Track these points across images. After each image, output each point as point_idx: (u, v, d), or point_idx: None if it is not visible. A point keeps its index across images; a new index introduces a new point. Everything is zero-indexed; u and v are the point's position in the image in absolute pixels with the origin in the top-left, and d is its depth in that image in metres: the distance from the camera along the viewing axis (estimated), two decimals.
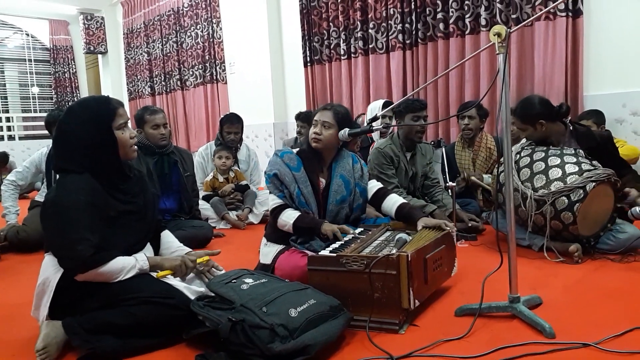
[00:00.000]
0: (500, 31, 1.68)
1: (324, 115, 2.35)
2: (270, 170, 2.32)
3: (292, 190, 2.28)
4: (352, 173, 2.42)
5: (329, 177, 2.39)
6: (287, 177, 2.29)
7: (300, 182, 2.30)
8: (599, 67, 3.87)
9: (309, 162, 2.36)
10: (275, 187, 2.31)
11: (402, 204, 2.35)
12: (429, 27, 4.73)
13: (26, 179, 3.54)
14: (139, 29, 8.66)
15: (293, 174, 2.30)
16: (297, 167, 2.32)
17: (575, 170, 2.46)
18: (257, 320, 1.55)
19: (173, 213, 3.44)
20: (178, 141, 7.84)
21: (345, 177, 2.38)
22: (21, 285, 2.59)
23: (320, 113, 2.38)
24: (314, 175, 2.35)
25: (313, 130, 2.35)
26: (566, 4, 3.83)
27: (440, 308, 1.99)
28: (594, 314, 1.86)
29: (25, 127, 10.40)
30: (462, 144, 3.78)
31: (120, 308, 1.70)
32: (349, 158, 2.47)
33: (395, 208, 2.35)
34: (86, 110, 1.82)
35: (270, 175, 2.31)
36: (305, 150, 2.40)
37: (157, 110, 3.34)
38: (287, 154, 2.37)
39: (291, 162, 2.33)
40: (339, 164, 2.41)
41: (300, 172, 2.32)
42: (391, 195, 2.44)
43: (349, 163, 2.44)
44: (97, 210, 1.74)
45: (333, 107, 2.40)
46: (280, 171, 2.30)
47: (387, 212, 2.40)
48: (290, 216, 2.25)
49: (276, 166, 2.32)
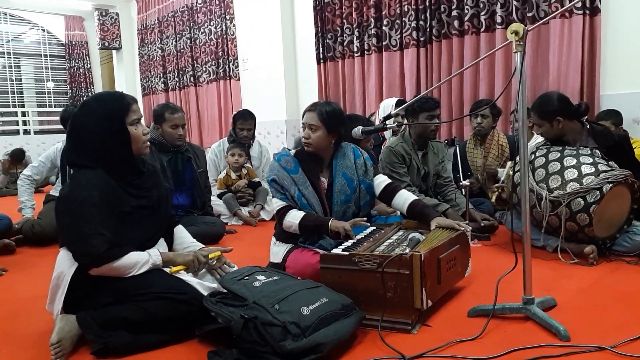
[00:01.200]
0: (518, 29, 1.66)
1: (309, 118, 2.30)
2: (269, 175, 2.32)
3: (293, 193, 2.26)
4: (354, 170, 2.38)
5: (331, 177, 2.35)
6: (286, 180, 2.27)
7: (300, 184, 2.28)
8: (616, 66, 3.80)
9: (307, 163, 2.33)
10: (277, 191, 2.30)
11: (414, 201, 2.31)
12: (444, 24, 4.68)
13: (42, 174, 3.59)
14: (153, 25, 8.70)
15: (291, 176, 2.28)
16: (295, 169, 2.30)
17: (591, 171, 2.42)
18: (269, 317, 1.55)
19: (186, 209, 3.46)
20: (191, 137, 7.88)
21: (347, 175, 2.35)
22: (36, 278, 2.62)
23: (306, 115, 2.32)
24: (314, 176, 2.33)
25: (302, 135, 2.32)
26: (583, 2, 3.77)
27: (453, 308, 1.98)
28: (609, 316, 1.83)
29: (40, 122, 10.53)
30: (474, 142, 3.76)
31: (133, 303, 1.71)
32: (350, 153, 2.42)
33: (407, 205, 2.31)
34: (100, 105, 1.83)
35: (269, 181, 2.31)
36: (303, 151, 2.37)
37: (177, 109, 3.33)
38: (283, 157, 2.34)
39: (288, 165, 2.31)
40: (340, 162, 2.37)
41: (299, 173, 2.29)
42: (402, 191, 2.39)
43: (350, 159, 2.39)
44: (110, 205, 1.76)
45: (317, 107, 2.32)
46: (279, 175, 2.28)
47: (399, 209, 2.37)
48: (295, 217, 2.24)
49: (274, 171, 2.31)
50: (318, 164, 2.36)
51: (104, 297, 1.74)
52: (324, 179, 2.36)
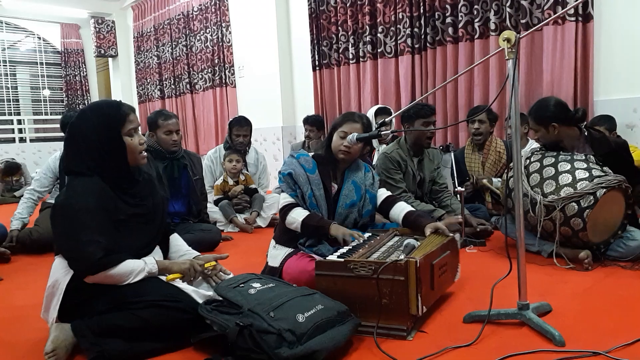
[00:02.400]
0: (510, 37, 1.68)
1: (357, 129, 2.32)
2: (286, 169, 2.34)
3: (305, 191, 2.30)
4: (363, 180, 2.43)
5: (341, 183, 2.40)
6: (302, 177, 2.31)
7: (314, 184, 2.31)
8: (609, 72, 3.84)
9: (323, 167, 2.37)
10: (288, 186, 2.32)
11: (408, 212, 2.35)
12: (438, 31, 4.72)
13: (45, 186, 3.58)
14: (149, 32, 8.72)
15: (308, 175, 2.32)
16: (313, 169, 2.34)
17: (585, 176, 2.44)
18: (264, 325, 1.55)
19: (182, 216, 3.46)
20: (187, 144, 7.88)
21: (356, 183, 2.40)
22: (31, 286, 2.62)
23: (350, 125, 2.33)
24: (327, 180, 2.37)
25: (343, 143, 2.31)
26: (576, 9, 3.81)
27: (448, 314, 1.98)
28: (604, 322, 1.84)
29: (36, 130, 10.50)
30: (471, 148, 3.78)
31: (128, 311, 1.70)
32: (362, 166, 2.49)
33: (402, 215, 2.35)
34: (97, 114, 1.83)
35: (285, 174, 2.33)
36: (321, 155, 2.42)
37: (171, 115, 3.34)
38: (303, 156, 2.40)
39: (307, 164, 2.35)
40: (352, 172, 2.43)
41: (315, 174, 2.33)
42: (399, 202, 2.44)
43: (361, 171, 2.46)
44: (106, 213, 1.76)
45: (361, 119, 2.36)
46: (296, 171, 2.32)
47: (395, 220, 2.41)
48: (299, 214, 2.26)
49: (292, 166, 2.34)
50: (333, 170, 2.41)
51: (99, 305, 1.73)
52: (335, 185, 2.40)
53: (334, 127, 2.40)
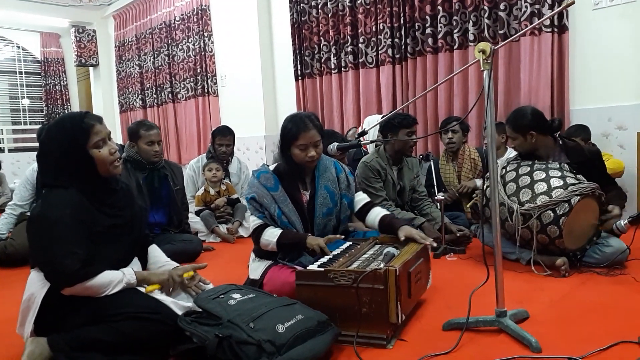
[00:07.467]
0: (485, 48, 1.72)
1: (314, 135, 2.23)
2: (249, 193, 2.29)
3: (273, 212, 2.24)
4: (336, 184, 2.37)
5: (313, 189, 2.34)
6: (266, 198, 2.25)
7: (280, 202, 2.26)
8: (584, 81, 3.93)
9: (288, 179, 2.31)
10: (255, 209, 2.27)
11: (384, 216, 2.33)
12: (418, 41, 4.78)
13: (26, 199, 3.52)
14: (130, 41, 8.67)
15: (271, 194, 2.25)
16: (275, 186, 2.27)
17: (560, 184, 2.49)
18: (244, 336, 1.55)
19: (162, 227, 3.43)
20: (169, 154, 7.83)
21: (330, 189, 2.33)
22: (6, 301, 2.56)
23: (307, 134, 2.22)
24: (295, 191, 2.31)
25: (309, 154, 2.23)
26: (552, 20, 3.90)
27: (427, 322, 2.00)
28: (580, 328, 1.87)
29: (15, 140, 10.33)
30: (446, 158, 3.83)
31: (106, 324, 1.68)
32: (332, 167, 2.40)
33: (377, 220, 2.33)
34: (60, 132, 1.80)
35: (248, 199, 2.29)
36: (283, 167, 2.32)
37: (152, 126, 3.32)
38: (263, 174, 2.31)
39: (268, 182, 2.28)
40: (322, 175, 2.35)
41: (279, 191, 2.27)
42: (375, 208, 2.41)
43: (332, 173, 2.38)
44: (83, 224, 1.74)
45: (312, 122, 2.26)
46: (258, 193, 2.26)
47: (371, 226, 2.39)
48: (272, 234, 2.22)
49: (253, 189, 2.28)
50: (300, 177, 2.34)
51: (77, 318, 1.70)
52: (306, 192, 2.34)
53: (288, 139, 2.25)
